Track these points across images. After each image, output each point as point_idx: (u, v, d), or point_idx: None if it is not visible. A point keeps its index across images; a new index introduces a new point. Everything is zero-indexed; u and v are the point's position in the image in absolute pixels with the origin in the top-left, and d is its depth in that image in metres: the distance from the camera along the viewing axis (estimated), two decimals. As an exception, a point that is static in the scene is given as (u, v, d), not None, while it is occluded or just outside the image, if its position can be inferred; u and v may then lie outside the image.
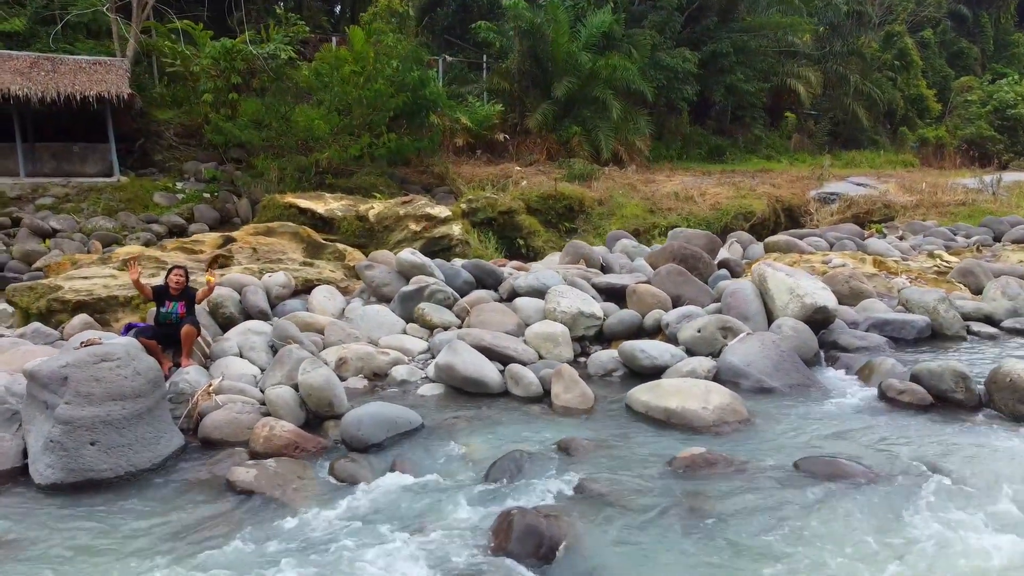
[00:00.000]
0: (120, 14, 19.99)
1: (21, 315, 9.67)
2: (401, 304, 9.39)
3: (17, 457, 5.76)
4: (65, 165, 17.89)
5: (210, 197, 17.41)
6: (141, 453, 5.80)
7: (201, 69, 18.60)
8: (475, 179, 19.70)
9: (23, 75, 16.69)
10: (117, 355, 5.97)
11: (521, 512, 4.72)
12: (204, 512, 5.19)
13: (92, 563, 4.54)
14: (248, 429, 6.23)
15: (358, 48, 17.84)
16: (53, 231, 15.11)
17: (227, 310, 8.79)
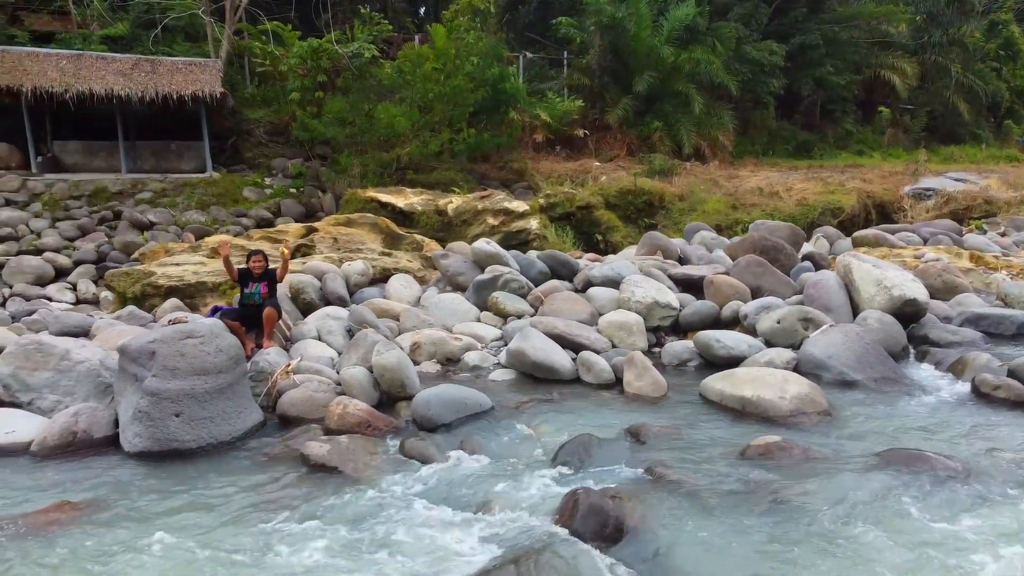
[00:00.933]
0: (214, 17, 20.83)
1: (118, 299, 10.20)
2: (476, 292, 9.45)
3: (109, 426, 6.07)
4: (163, 162, 18.75)
5: (296, 192, 17.93)
6: (222, 426, 6.02)
7: (289, 69, 19.17)
8: (553, 175, 19.65)
9: (125, 76, 17.57)
10: (201, 332, 6.21)
11: (587, 492, 4.68)
12: (280, 483, 5.35)
13: (173, 526, 4.73)
14: (323, 407, 6.39)
15: (439, 45, 18.06)
16: (150, 224, 15.85)
17: (307, 296, 9.04)
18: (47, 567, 4.28)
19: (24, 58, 17.37)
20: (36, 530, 4.72)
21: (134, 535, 4.65)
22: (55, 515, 4.94)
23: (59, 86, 16.52)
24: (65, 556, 4.41)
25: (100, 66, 17.75)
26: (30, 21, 22.44)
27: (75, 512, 4.98)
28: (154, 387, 5.80)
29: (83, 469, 5.64)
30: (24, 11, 22.65)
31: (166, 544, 4.51)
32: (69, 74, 16.99)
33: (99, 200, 16.60)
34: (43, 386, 6.44)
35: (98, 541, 4.59)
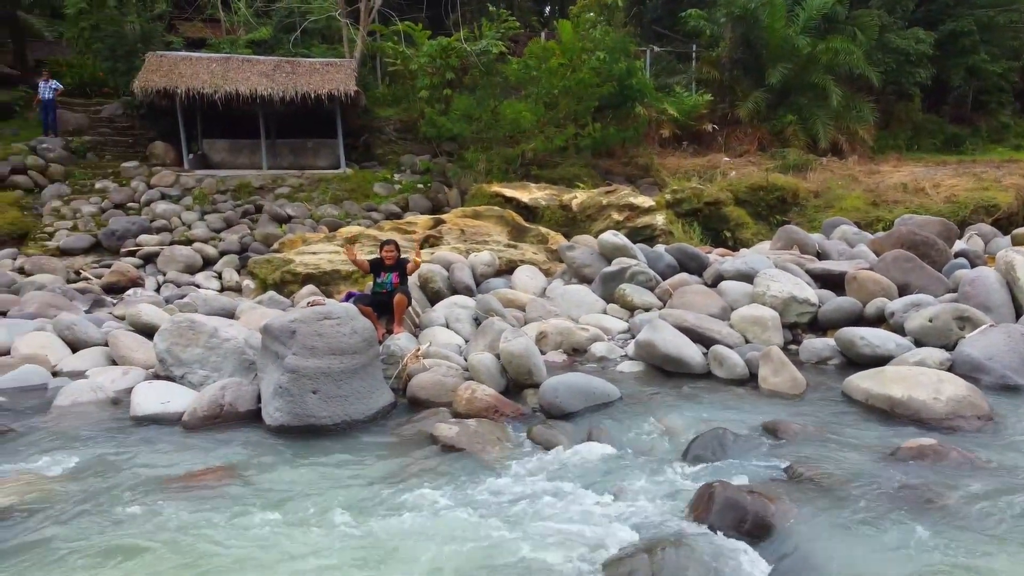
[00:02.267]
0: (350, 19, 21.66)
1: (259, 285, 10.73)
2: (602, 285, 9.33)
3: (253, 400, 6.37)
4: (300, 159, 19.66)
5: (423, 187, 18.37)
6: (355, 405, 6.18)
7: (419, 67, 19.67)
8: (680, 170, 19.21)
9: (268, 77, 18.55)
10: (337, 314, 6.40)
11: (723, 485, 4.48)
12: (409, 461, 5.43)
13: (309, 497, 4.89)
14: (452, 391, 6.46)
15: (566, 40, 18.02)
16: (288, 217, 16.65)
17: (436, 285, 9.19)
18: (195, 526, 4.51)
19: (179, 62, 18.62)
20: (186, 492, 4.99)
21: (273, 502, 4.83)
22: (203, 479, 5.21)
23: (209, 88, 17.61)
24: (211, 517, 4.62)
25: (245, 68, 18.80)
26: (185, 28, 24.09)
27: (220, 477, 5.23)
28: (294, 364, 6.02)
29: (228, 439, 5.93)
30: (179, 19, 24.33)
31: (301, 511, 4.67)
32: (218, 76, 18.07)
33: (243, 195, 17.57)
34: (194, 361, 6.84)
35: (240, 505, 4.79)
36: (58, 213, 16.25)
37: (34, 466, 5.42)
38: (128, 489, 5.04)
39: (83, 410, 6.56)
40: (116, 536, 4.41)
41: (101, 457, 5.61)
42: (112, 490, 5.02)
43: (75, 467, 5.45)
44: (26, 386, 7.21)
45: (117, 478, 5.23)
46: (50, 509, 4.74)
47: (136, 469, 5.39)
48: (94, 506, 4.79)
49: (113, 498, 4.89)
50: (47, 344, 8.07)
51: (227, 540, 4.36)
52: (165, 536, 4.40)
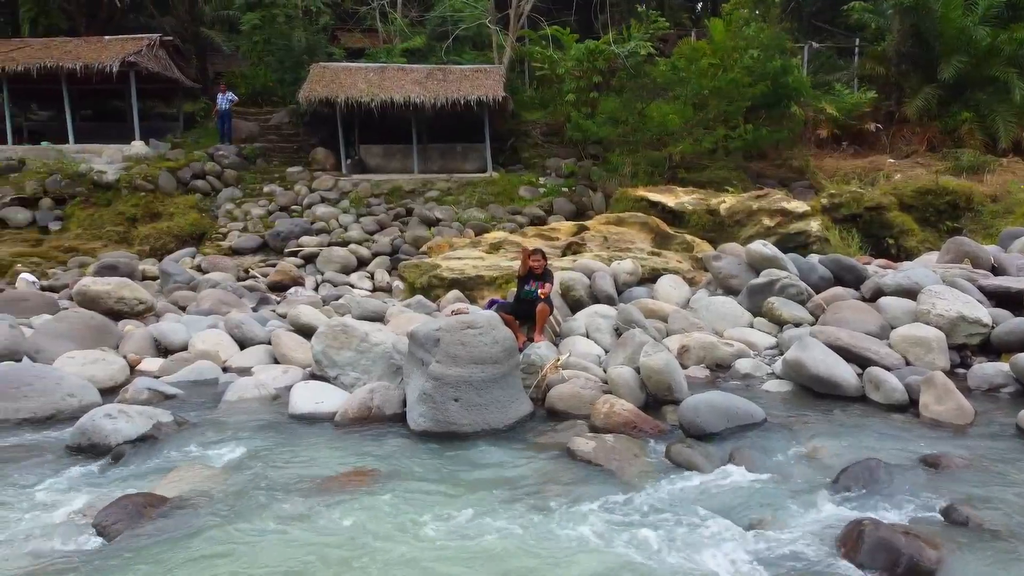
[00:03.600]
0: (499, 25, 22.09)
1: (408, 288, 11.17)
2: (749, 297, 9.02)
3: (399, 404, 6.64)
4: (449, 163, 20.29)
5: (568, 191, 18.46)
6: (495, 414, 6.31)
7: (566, 71, 19.78)
8: (838, 173, 18.21)
9: (420, 85, 19.28)
10: (480, 324, 6.55)
11: (875, 524, 4.22)
12: (545, 473, 5.48)
13: (448, 501, 5.04)
14: (590, 404, 6.45)
15: (717, 39, 17.54)
16: (437, 220, 17.23)
17: (577, 293, 9.21)
18: (342, 526, 4.77)
19: (339, 72, 19.69)
20: (335, 491, 5.28)
21: (416, 506, 5.01)
22: (351, 479, 5.49)
23: (366, 96, 18.51)
24: (357, 516, 4.87)
25: (400, 76, 19.61)
26: (345, 39, 25.43)
27: (367, 478, 5.49)
28: (437, 372, 6.23)
29: (375, 441, 6.21)
30: (341, 30, 25.71)
31: (441, 515, 4.82)
32: (375, 85, 18.95)
33: (394, 198, 18.35)
34: (346, 364, 7.23)
35: (385, 506, 5.01)
36: (231, 215, 17.62)
37: (205, 457, 5.92)
38: (283, 485, 5.40)
39: (248, 406, 7.08)
40: (270, 532, 4.72)
41: (262, 452, 6.03)
42: (270, 485, 5.39)
43: (239, 460, 5.90)
44: (200, 380, 7.88)
45: (275, 474, 5.61)
46: (216, 500, 5.15)
47: (291, 466, 5.75)
48: (253, 500, 5.16)
49: (270, 493, 5.25)
50: (219, 341, 8.78)
51: (371, 542, 4.58)
52: (313, 534, 4.67)
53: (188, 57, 24.18)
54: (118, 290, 10.32)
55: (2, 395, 6.80)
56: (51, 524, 4.85)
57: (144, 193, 17.56)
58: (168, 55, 21.35)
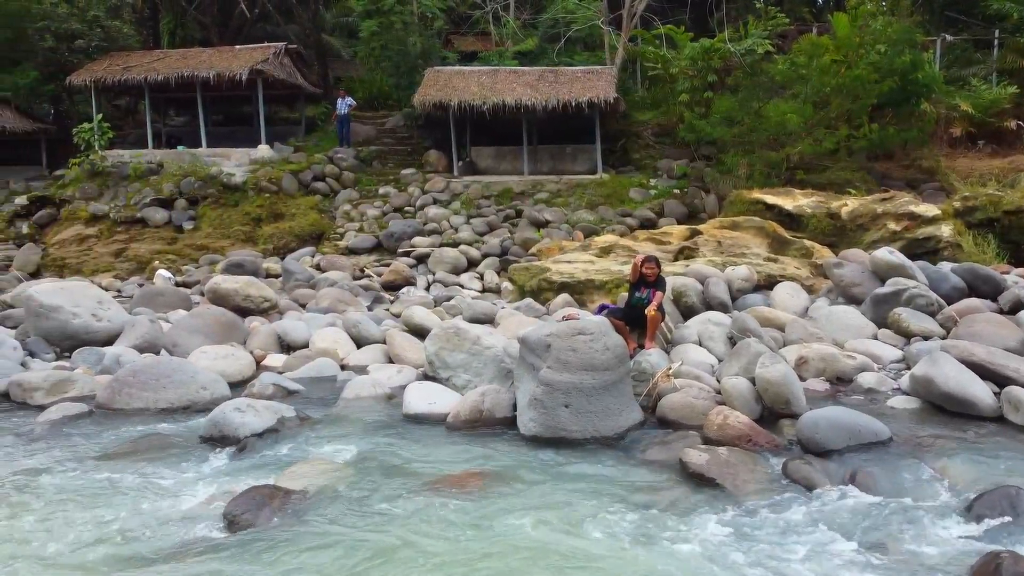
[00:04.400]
0: (612, 26, 21.95)
1: (517, 290, 11.27)
2: (873, 307, 8.60)
3: (509, 408, 6.72)
4: (558, 164, 20.33)
5: (679, 193, 18.13)
6: (605, 421, 6.28)
7: (679, 70, 19.43)
8: (973, 174, 17.08)
9: (531, 87, 19.39)
10: (591, 330, 6.54)
11: (1014, 558, 3.94)
12: (656, 484, 5.42)
13: (558, 507, 5.06)
14: (702, 415, 6.32)
15: (841, 34, 16.79)
16: (546, 222, 17.30)
17: (689, 299, 9.04)
18: (453, 527, 4.87)
19: (452, 76, 20.07)
20: (448, 491, 5.39)
21: (524, 511, 5.05)
22: (463, 481, 5.59)
23: (479, 99, 18.78)
24: (468, 517, 4.97)
25: (511, 79, 19.79)
26: (459, 43, 25.91)
27: (479, 481, 5.58)
28: (548, 378, 6.26)
29: (486, 444, 6.31)
30: (454, 35, 26.21)
31: (550, 521, 4.85)
32: (487, 88, 19.21)
33: (504, 200, 18.54)
34: (458, 366, 7.38)
35: (495, 509, 5.09)
36: (348, 216, 18.28)
37: (325, 453, 6.17)
38: (399, 483, 5.56)
39: (364, 404, 7.34)
40: (386, 528, 4.88)
41: (378, 450, 6.24)
42: (386, 483, 5.56)
43: (357, 457, 6.12)
44: (320, 377, 8.23)
45: (391, 472, 5.79)
46: (336, 495, 5.36)
47: (406, 465, 5.92)
48: (371, 496, 5.34)
49: (387, 491, 5.42)
50: (337, 339, 9.13)
51: (480, 544, 4.66)
52: (426, 533, 4.79)
53: (310, 63, 25.23)
54: (245, 288, 10.89)
55: (145, 385, 7.31)
56: (185, 511, 5.18)
57: (268, 194, 18.46)
58: (292, 62, 22.35)
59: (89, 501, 5.33)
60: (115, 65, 20.82)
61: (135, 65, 20.72)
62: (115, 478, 5.71)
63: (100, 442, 6.48)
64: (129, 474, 5.78)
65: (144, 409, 7.20)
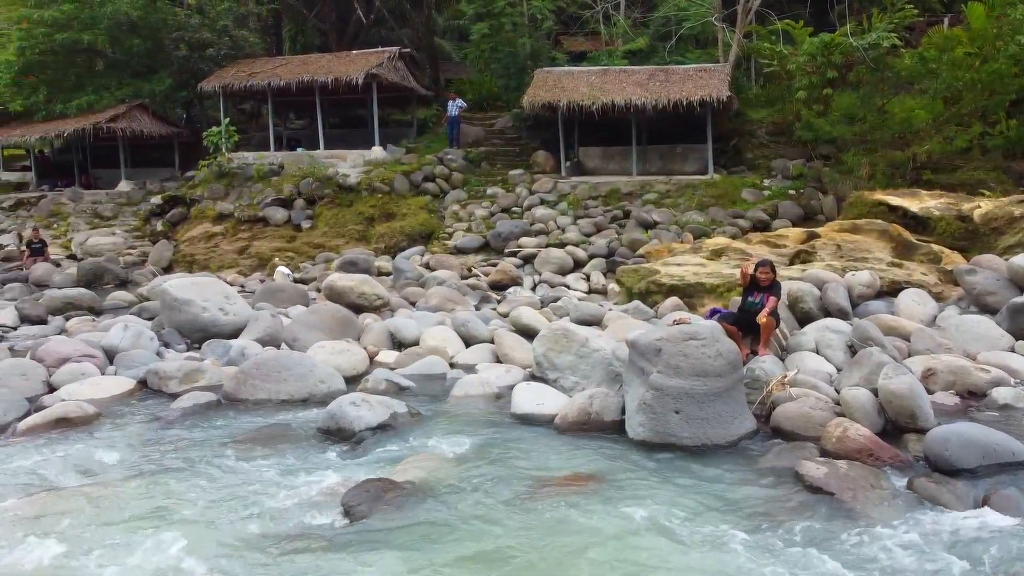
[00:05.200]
0: (726, 22, 21.42)
1: (625, 293, 11.17)
2: (1010, 317, 8.05)
3: (617, 411, 6.67)
4: (668, 164, 20.01)
5: (795, 194, 17.49)
6: (716, 429, 6.14)
7: (796, 67, 18.73)
8: (1124, 174, 15.70)
9: (642, 86, 19.16)
10: (703, 335, 6.41)
11: None
12: (770, 496, 5.26)
13: (666, 515, 4.99)
14: (820, 426, 6.09)
15: (976, 26, 15.77)
16: (654, 223, 17.05)
17: (806, 305, 8.72)
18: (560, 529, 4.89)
19: (561, 77, 20.09)
20: (555, 492, 5.42)
21: (633, 517, 5.01)
22: (571, 482, 5.60)
23: (588, 100, 18.71)
24: (575, 519, 4.98)
25: (621, 79, 19.63)
26: (568, 43, 25.91)
27: (586, 483, 5.58)
28: (658, 382, 6.17)
29: (594, 447, 6.29)
30: (564, 35, 26.23)
31: (658, 528, 4.81)
32: (596, 88, 19.12)
33: (612, 200, 18.40)
34: (566, 367, 7.38)
35: (602, 512, 5.07)
36: (456, 216, 18.59)
37: (435, 448, 6.31)
38: (507, 482, 5.62)
39: (473, 402, 7.46)
40: (495, 525, 4.95)
41: (485, 448, 6.33)
42: (495, 481, 5.64)
43: (465, 454, 6.23)
44: (430, 374, 8.41)
45: (499, 470, 5.86)
46: (446, 490, 5.48)
47: (514, 464, 5.98)
48: (480, 493, 5.43)
49: (495, 488, 5.49)
50: (446, 338, 9.31)
51: (587, 546, 4.65)
52: (534, 532, 4.83)
53: (422, 66, 25.84)
54: (360, 286, 11.27)
55: (267, 377, 7.69)
56: (305, 498, 5.41)
57: (381, 195, 19.01)
58: (405, 65, 22.93)
59: (218, 485, 5.66)
60: (241, 72, 21.95)
61: (259, 71, 21.77)
62: (241, 464, 6.03)
63: (227, 430, 6.85)
64: (253, 461, 6.09)
65: (266, 400, 7.56)
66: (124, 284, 16.29)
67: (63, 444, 6.51)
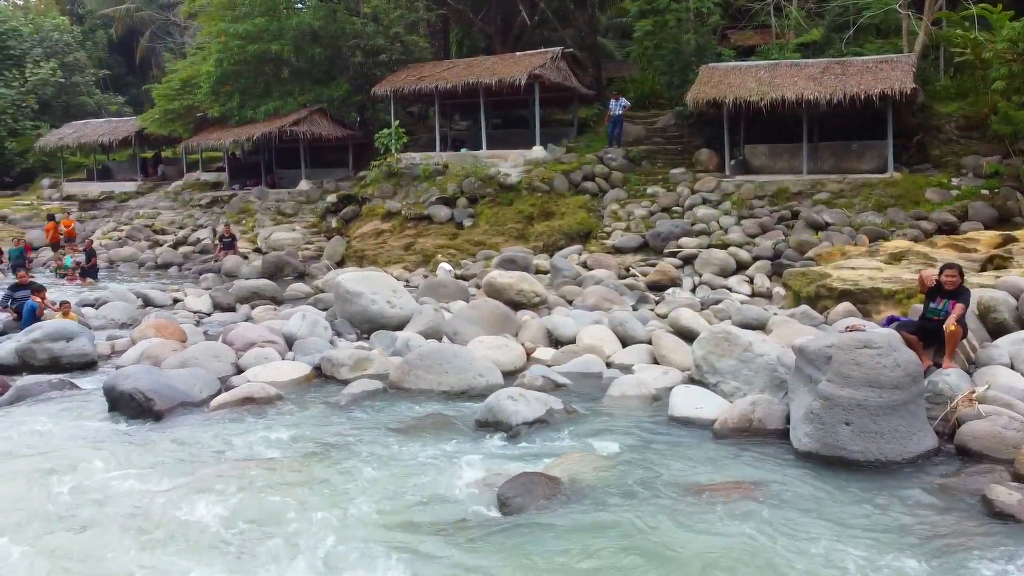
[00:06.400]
0: (911, 9, 19.88)
1: (792, 297, 10.66)
2: None
3: (781, 420, 6.39)
4: (842, 162, 18.83)
5: (988, 194, 15.95)
6: (891, 444, 5.74)
7: (994, 55, 17.07)
8: None
9: (815, 80, 18.15)
10: (879, 344, 6.00)
11: None
12: (952, 522, 4.86)
13: (834, 533, 4.73)
14: (1014, 448, 5.56)
15: None
16: (825, 224, 16.11)
17: (999, 315, 7.93)
18: (719, 532, 4.76)
19: (728, 73, 19.45)
20: (712, 499, 5.27)
21: (795, 529, 4.80)
22: (729, 490, 5.42)
23: (755, 96, 17.99)
24: (733, 527, 4.83)
25: (792, 73, 18.73)
26: (736, 38, 25.05)
27: (746, 492, 5.38)
28: (827, 392, 5.84)
29: (754, 455, 6.06)
30: (731, 29, 25.38)
31: (824, 546, 4.57)
32: (765, 83, 18.35)
33: (779, 200, 17.60)
34: (727, 372, 7.15)
35: (762, 523, 4.87)
36: (615, 215, 18.48)
37: (590, 446, 6.32)
38: (662, 484, 5.54)
39: (629, 403, 7.39)
40: (650, 526, 4.88)
41: (641, 449, 6.26)
42: (650, 482, 5.57)
43: (621, 453, 6.19)
44: (586, 373, 8.43)
45: (654, 472, 5.78)
46: (601, 488, 5.48)
47: (670, 467, 5.87)
48: (635, 494, 5.38)
49: (650, 490, 5.43)
50: (603, 337, 9.28)
51: (747, 559, 4.48)
52: (688, 539, 4.72)
53: (584, 65, 25.84)
54: (518, 283, 11.46)
55: (430, 369, 8.00)
56: (462, 487, 5.59)
57: (540, 194, 19.22)
58: (567, 65, 23.04)
59: (381, 468, 5.96)
60: (411, 76, 22.92)
61: (427, 75, 22.63)
62: (403, 451, 6.32)
63: (392, 417, 7.20)
64: (415, 448, 6.37)
65: (428, 391, 7.86)
66: (302, 276, 17.51)
67: (248, 421, 7.10)
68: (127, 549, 4.71)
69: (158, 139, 29.22)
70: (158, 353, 8.89)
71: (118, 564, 4.56)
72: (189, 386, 7.71)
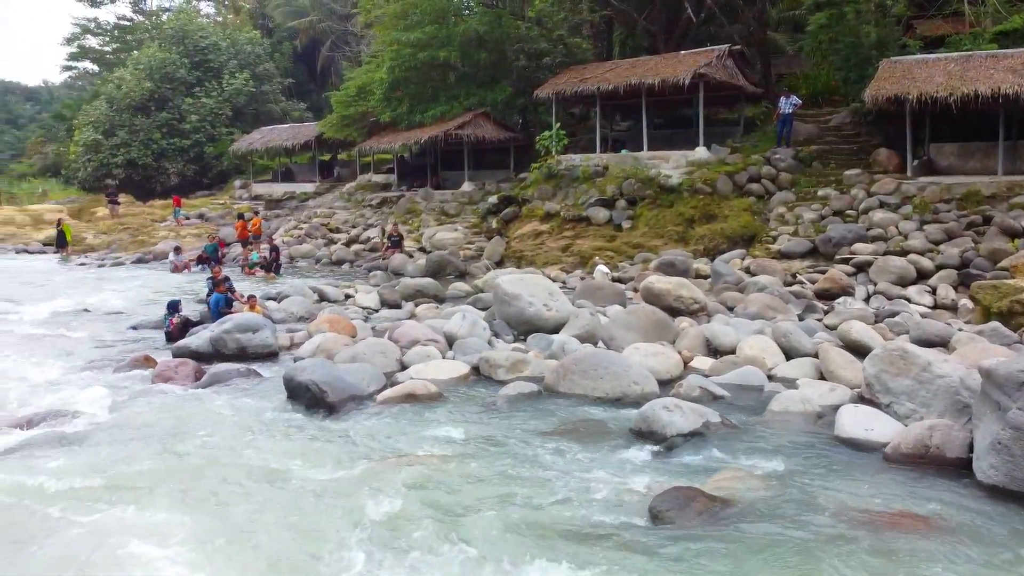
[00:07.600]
0: None
1: (981, 312, 9.78)
2: None
3: (963, 448, 5.89)
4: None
5: None
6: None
7: None
8: None
9: (1015, 73, 16.45)
10: (1084, 370, 5.39)
11: None
12: None
13: None
14: None
15: None
16: (1022, 231, 14.62)
17: None
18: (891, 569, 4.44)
19: (912, 67, 18.08)
20: (881, 529, 4.95)
21: (973, 569, 4.42)
22: (901, 521, 5.08)
23: (943, 91, 16.61)
24: (907, 563, 4.51)
25: (988, 65, 17.12)
26: (922, 28, 23.22)
27: (920, 525, 5.02)
28: (1018, 421, 5.32)
29: (931, 485, 5.63)
30: (918, 19, 23.55)
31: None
32: (955, 77, 16.92)
33: (969, 203, 16.15)
34: (901, 392, 6.67)
35: (941, 560, 4.53)
36: (782, 219, 17.69)
37: (749, 464, 6.10)
38: (823, 510, 5.26)
39: (791, 419, 7.07)
40: (806, 556, 4.65)
41: (803, 469, 5.98)
42: (810, 507, 5.31)
43: (780, 472, 5.94)
44: (746, 385, 8.14)
45: (815, 495, 5.50)
46: (758, 509, 5.28)
47: (834, 491, 5.57)
48: (793, 517, 5.15)
49: (809, 515, 5.18)
50: (765, 348, 8.93)
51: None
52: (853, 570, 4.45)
53: (752, 62, 24.86)
54: (677, 289, 11.25)
55: (585, 374, 8.03)
56: (613, 496, 5.58)
57: (702, 196, 18.71)
58: (734, 63, 22.27)
59: (535, 470, 6.06)
60: (573, 78, 23.02)
61: (589, 77, 22.63)
62: (557, 455, 6.39)
63: (546, 420, 7.29)
64: (568, 453, 6.42)
65: (583, 396, 7.90)
66: (463, 276, 18.08)
67: (411, 417, 7.44)
68: (293, 529, 5.09)
69: (335, 143, 31.21)
70: (331, 347, 9.50)
71: (280, 541, 4.93)
72: (358, 380, 8.18)
